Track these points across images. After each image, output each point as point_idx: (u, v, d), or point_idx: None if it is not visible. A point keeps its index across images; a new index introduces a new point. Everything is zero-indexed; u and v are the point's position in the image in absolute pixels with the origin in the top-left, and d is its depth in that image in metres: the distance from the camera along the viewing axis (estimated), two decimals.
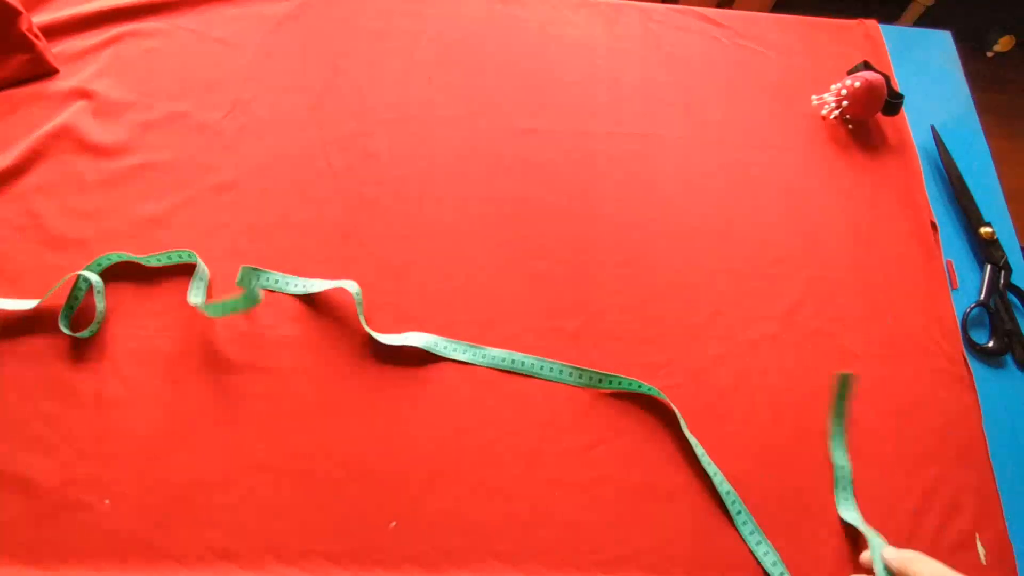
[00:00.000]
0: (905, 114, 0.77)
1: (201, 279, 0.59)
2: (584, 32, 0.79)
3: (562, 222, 0.67)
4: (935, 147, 0.76)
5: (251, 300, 0.56)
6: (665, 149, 0.72)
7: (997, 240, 0.69)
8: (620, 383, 0.58)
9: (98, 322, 0.57)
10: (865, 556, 0.52)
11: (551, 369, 0.58)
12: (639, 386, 0.58)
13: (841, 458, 0.56)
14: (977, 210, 0.72)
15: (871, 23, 0.84)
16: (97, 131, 0.66)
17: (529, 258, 0.64)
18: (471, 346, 0.59)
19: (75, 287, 0.58)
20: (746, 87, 0.77)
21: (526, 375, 0.58)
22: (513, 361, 0.58)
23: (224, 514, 0.52)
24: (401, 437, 0.56)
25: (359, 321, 0.59)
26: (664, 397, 0.57)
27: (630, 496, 0.55)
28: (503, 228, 0.66)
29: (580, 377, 0.58)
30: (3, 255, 0.59)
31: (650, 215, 0.68)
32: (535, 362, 0.59)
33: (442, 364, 0.59)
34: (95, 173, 0.64)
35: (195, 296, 0.57)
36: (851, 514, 0.54)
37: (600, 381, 0.58)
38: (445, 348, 0.58)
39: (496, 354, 0.59)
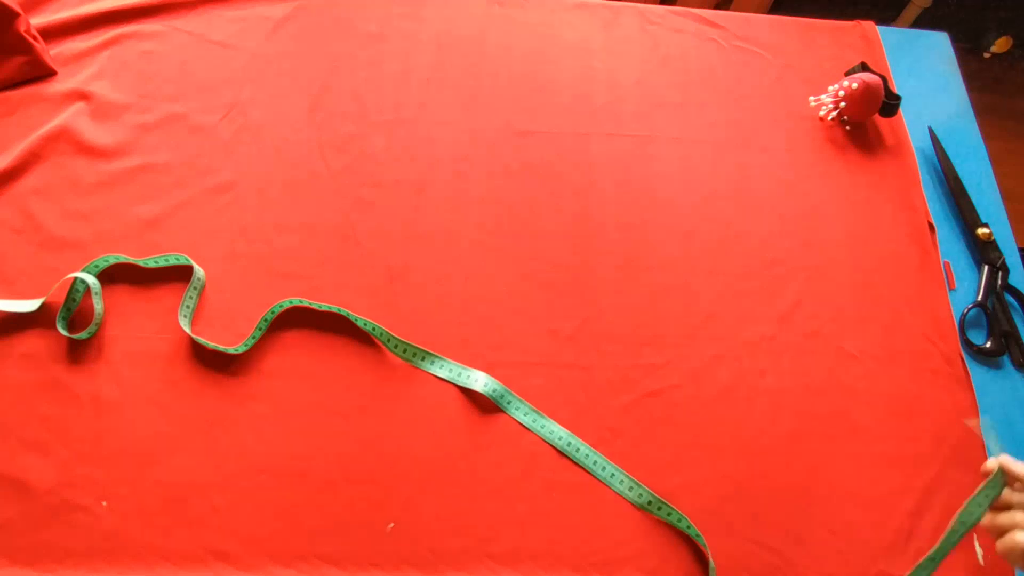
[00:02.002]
0: (902, 115, 0.77)
1: (195, 288, 0.59)
2: (581, 34, 0.80)
3: (560, 223, 0.67)
4: (932, 148, 0.76)
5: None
6: (663, 150, 0.72)
7: (994, 241, 0.69)
8: (670, 514, 0.54)
9: (96, 324, 0.57)
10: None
11: (603, 468, 0.55)
12: (687, 527, 0.54)
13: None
14: (974, 211, 0.72)
15: (868, 24, 0.84)
16: (95, 133, 0.66)
17: (527, 259, 0.64)
18: (533, 410, 0.57)
19: (72, 289, 0.58)
20: (743, 89, 0.78)
21: (575, 462, 0.56)
22: (569, 444, 0.56)
23: (221, 516, 0.52)
24: (398, 439, 0.56)
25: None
26: (704, 545, 0.53)
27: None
28: (500, 229, 0.66)
29: (631, 490, 0.55)
30: (0, 257, 0.59)
31: (648, 216, 0.68)
32: (589, 453, 0.56)
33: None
34: (93, 175, 0.64)
35: (184, 315, 0.57)
36: None
37: (649, 503, 0.54)
38: (509, 403, 0.57)
39: (555, 429, 0.57)
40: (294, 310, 0.59)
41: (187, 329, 0.57)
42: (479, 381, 0.57)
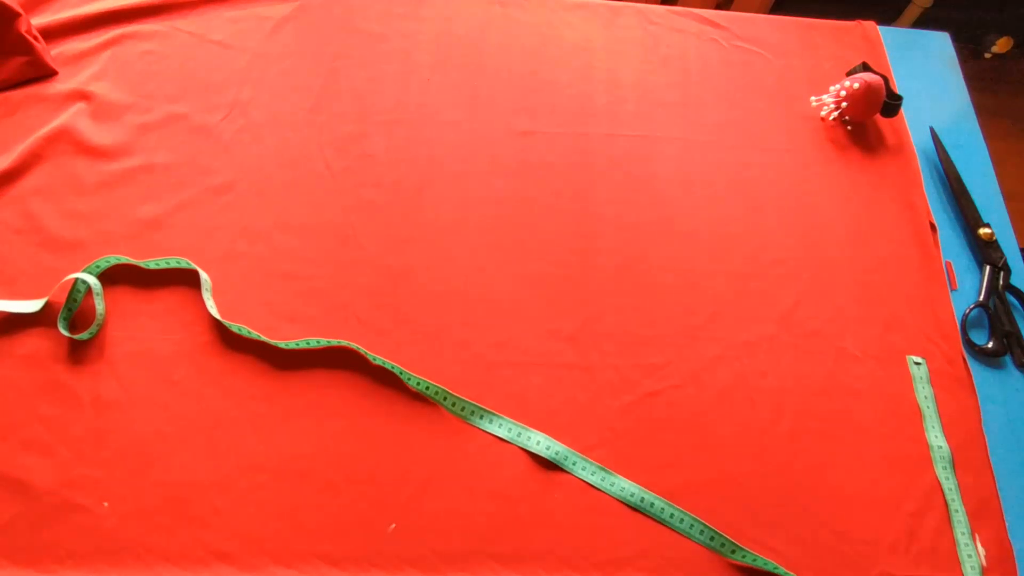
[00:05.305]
0: (904, 115, 0.77)
1: (207, 289, 0.59)
2: (582, 34, 0.79)
3: (560, 224, 0.67)
4: (934, 148, 0.76)
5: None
6: (663, 151, 0.72)
7: (996, 241, 0.69)
8: (754, 560, 0.53)
9: (97, 324, 0.57)
10: None
11: (681, 520, 0.54)
12: (773, 567, 0.53)
13: None
14: (976, 211, 0.71)
15: (870, 24, 0.84)
16: (96, 133, 0.66)
17: (527, 260, 0.64)
18: (600, 468, 0.56)
19: (73, 289, 0.58)
20: (744, 89, 0.78)
21: (651, 517, 0.54)
22: (643, 500, 0.54)
23: (222, 516, 0.52)
24: (399, 439, 0.55)
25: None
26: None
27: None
28: (501, 230, 0.66)
29: (712, 540, 0.53)
30: (1, 257, 0.59)
31: (648, 217, 0.68)
32: (665, 507, 0.54)
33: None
34: (93, 175, 0.64)
35: (212, 307, 0.58)
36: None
37: (733, 551, 0.53)
38: (575, 464, 0.56)
39: (625, 486, 0.55)
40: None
41: (217, 316, 0.57)
42: (540, 443, 0.56)
